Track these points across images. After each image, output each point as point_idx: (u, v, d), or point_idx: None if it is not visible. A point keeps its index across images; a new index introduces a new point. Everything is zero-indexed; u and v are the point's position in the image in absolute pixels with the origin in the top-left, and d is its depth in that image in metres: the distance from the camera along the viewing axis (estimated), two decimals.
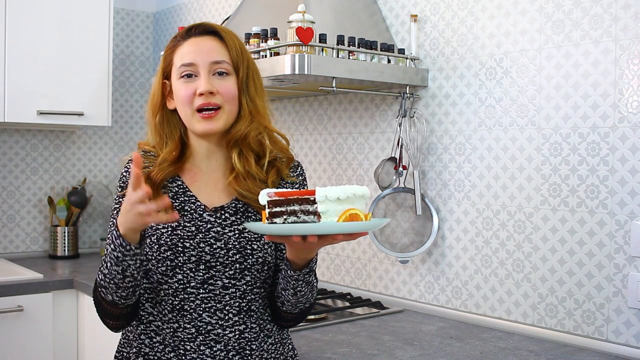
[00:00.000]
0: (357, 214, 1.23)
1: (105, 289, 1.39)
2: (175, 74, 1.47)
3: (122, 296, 1.39)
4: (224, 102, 1.45)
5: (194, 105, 1.44)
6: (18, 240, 3.37)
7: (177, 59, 1.48)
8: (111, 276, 1.36)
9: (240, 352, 1.46)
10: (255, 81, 1.51)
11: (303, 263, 1.39)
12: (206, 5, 3.40)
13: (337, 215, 1.22)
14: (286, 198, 1.24)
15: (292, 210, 1.24)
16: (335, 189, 1.22)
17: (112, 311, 1.43)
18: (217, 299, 1.44)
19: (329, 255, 2.75)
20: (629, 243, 1.83)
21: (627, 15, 1.83)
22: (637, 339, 1.83)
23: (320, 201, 1.22)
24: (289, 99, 2.89)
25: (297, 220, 1.23)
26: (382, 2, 2.50)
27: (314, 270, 1.43)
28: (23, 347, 2.70)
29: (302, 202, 1.23)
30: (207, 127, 1.44)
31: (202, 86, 1.43)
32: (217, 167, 1.52)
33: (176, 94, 1.47)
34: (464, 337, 2.04)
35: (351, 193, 1.22)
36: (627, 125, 1.84)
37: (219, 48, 1.47)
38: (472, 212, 2.21)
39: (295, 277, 1.40)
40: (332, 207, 1.22)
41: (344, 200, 1.22)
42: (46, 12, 3.02)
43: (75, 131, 3.53)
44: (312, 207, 1.22)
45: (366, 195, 1.26)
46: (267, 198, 1.26)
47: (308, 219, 1.23)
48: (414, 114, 2.34)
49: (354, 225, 1.22)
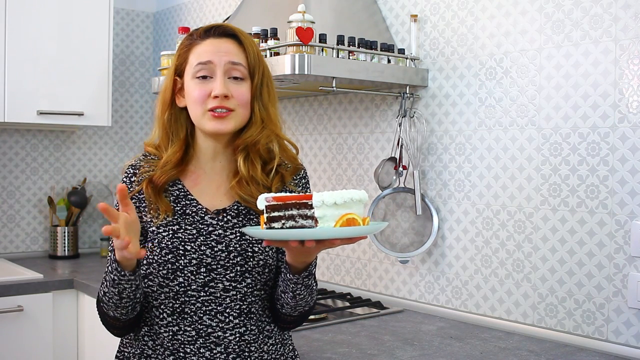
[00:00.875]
0: (355, 218, 1.23)
1: (107, 305, 1.42)
2: (190, 73, 1.46)
3: (122, 313, 1.42)
4: (237, 106, 1.45)
5: (206, 106, 1.43)
6: (18, 240, 3.37)
7: (193, 58, 1.46)
8: (110, 295, 1.39)
9: (240, 354, 1.45)
10: (269, 88, 1.51)
11: (302, 267, 1.39)
12: (206, 5, 3.40)
13: (334, 220, 1.22)
14: (284, 203, 1.25)
15: (290, 215, 1.24)
16: (333, 194, 1.22)
17: (115, 324, 1.45)
18: (218, 301, 1.44)
19: (329, 256, 2.75)
20: (629, 243, 1.83)
21: (627, 15, 1.83)
22: (637, 339, 1.83)
23: (317, 206, 1.21)
24: (289, 99, 2.89)
25: (295, 225, 1.24)
26: (382, 2, 2.50)
27: (313, 274, 1.43)
28: (23, 347, 2.70)
29: (300, 207, 1.23)
30: (217, 126, 1.44)
31: (218, 89, 1.42)
32: (220, 170, 1.52)
33: (189, 93, 1.46)
34: (464, 337, 2.04)
35: (348, 198, 1.22)
36: (627, 125, 1.84)
37: (237, 51, 1.47)
38: (472, 212, 2.21)
39: (295, 281, 1.40)
40: (329, 212, 1.21)
41: (341, 205, 1.22)
42: (46, 12, 3.02)
43: (75, 131, 3.53)
44: (310, 212, 1.22)
45: (364, 200, 1.25)
46: (265, 203, 1.27)
47: (306, 224, 1.23)
48: (414, 114, 2.34)
49: (351, 231, 1.22)
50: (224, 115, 1.43)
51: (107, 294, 1.39)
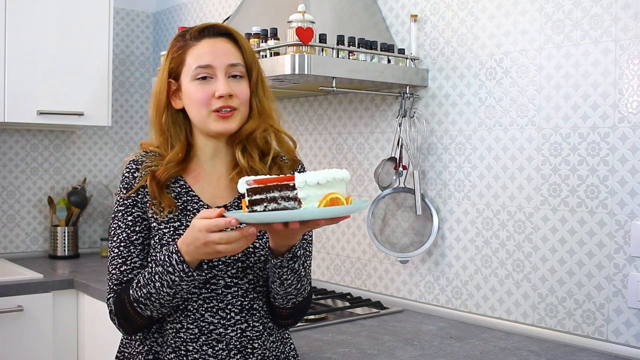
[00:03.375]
0: (338, 197, 1.22)
1: (145, 306, 1.39)
2: (189, 75, 1.46)
3: (163, 312, 1.41)
4: (240, 104, 1.46)
5: (211, 107, 1.44)
6: (18, 240, 3.37)
7: (190, 60, 1.46)
8: (158, 296, 1.37)
9: (242, 350, 1.45)
10: (264, 83, 1.53)
11: (285, 250, 1.38)
12: (206, 5, 3.40)
13: (318, 200, 1.21)
14: (265, 185, 1.23)
15: (272, 197, 1.23)
16: (315, 173, 1.21)
17: (142, 323, 1.44)
18: (220, 298, 1.44)
19: (329, 255, 2.75)
20: (629, 243, 1.83)
21: (627, 15, 1.83)
22: (637, 339, 1.83)
23: (300, 187, 1.20)
24: (289, 99, 2.89)
25: (277, 207, 1.22)
26: (382, 2, 2.50)
27: (298, 257, 1.40)
28: (23, 347, 2.70)
29: (282, 189, 1.22)
30: (223, 127, 1.45)
31: (222, 89, 1.43)
32: (221, 166, 1.52)
33: (190, 96, 1.46)
34: (464, 337, 2.04)
35: (331, 177, 1.21)
36: (627, 125, 1.84)
37: (234, 51, 1.48)
38: (472, 212, 2.21)
39: (279, 265, 1.38)
40: (313, 192, 1.20)
41: (324, 184, 1.21)
42: (46, 12, 3.02)
43: (75, 131, 3.53)
44: (292, 193, 1.21)
45: (346, 179, 1.25)
46: (246, 186, 1.25)
47: (289, 205, 1.21)
48: (414, 114, 2.34)
49: (336, 210, 1.21)
50: (229, 115, 1.44)
51: (155, 294, 1.36)
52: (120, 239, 1.47)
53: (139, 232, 1.47)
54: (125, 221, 1.48)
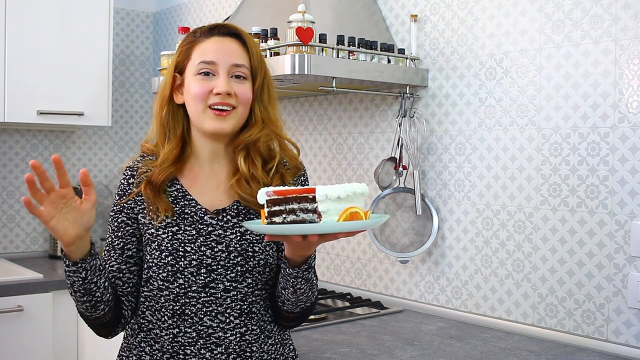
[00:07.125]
0: (358, 212, 1.23)
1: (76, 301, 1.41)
2: (192, 70, 1.45)
3: (86, 308, 1.40)
4: (238, 104, 1.45)
5: (207, 102, 1.43)
6: (18, 240, 3.37)
7: (195, 55, 1.46)
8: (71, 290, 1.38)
9: (241, 354, 1.45)
10: (270, 90, 1.51)
11: (301, 260, 1.38)
12: (206, 5, 3.40)
13: (338, 214, 1.22)
14: (285, 197, 1.24)
15: (291, 209, 1.23)
16: (336, 187, 1.22)
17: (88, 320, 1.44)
18: (219, 302, 1.44)
19: (329, 255, 2.75)
20: (629, 243, 1.83)
21: (627, 15, 1.84)
22: (637, 339, 1.83)
23: (321, 200, 1.21)
24: (289, 99, 2.89)
25: (296, 219, 1.23)
26: (382, 2, 2.50)
27: (312, 267, 1.42)
28: (23, 347, 2.70)
29: (301, 201, 1.23)
30: (217, 125, 1.44)
31: (221, 86, 1.42)
32: (220, 171, 1.51)
33: (189, 90, 1.45)
34: (464, 337, 2.04)
35: (351, 191, 1.23)
36: (627, 125, 1.84)
37: (240, 52, 1.47)
38: (472, 212, 2.21)
39: (295, 275, 1.39)
40: (333, 206, 1.22)
41: (344, 199, 1.22)
42: (46, 12, 3.02)
43: (75, 131, 3.53)
44: (311, 206, 1.22)
45: (365, 193, 1.26)
46: (265, 197, 1.26)
47: (307, 218, 1.22)
48: (414, 114, 2.34)
49: (356, 224, 1.22)
50: (225, 114, 1.43)
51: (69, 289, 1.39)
52: (106, 244, 1.51)
53: (120, 237, 1.48)
54: (112, 226, 1.50)
